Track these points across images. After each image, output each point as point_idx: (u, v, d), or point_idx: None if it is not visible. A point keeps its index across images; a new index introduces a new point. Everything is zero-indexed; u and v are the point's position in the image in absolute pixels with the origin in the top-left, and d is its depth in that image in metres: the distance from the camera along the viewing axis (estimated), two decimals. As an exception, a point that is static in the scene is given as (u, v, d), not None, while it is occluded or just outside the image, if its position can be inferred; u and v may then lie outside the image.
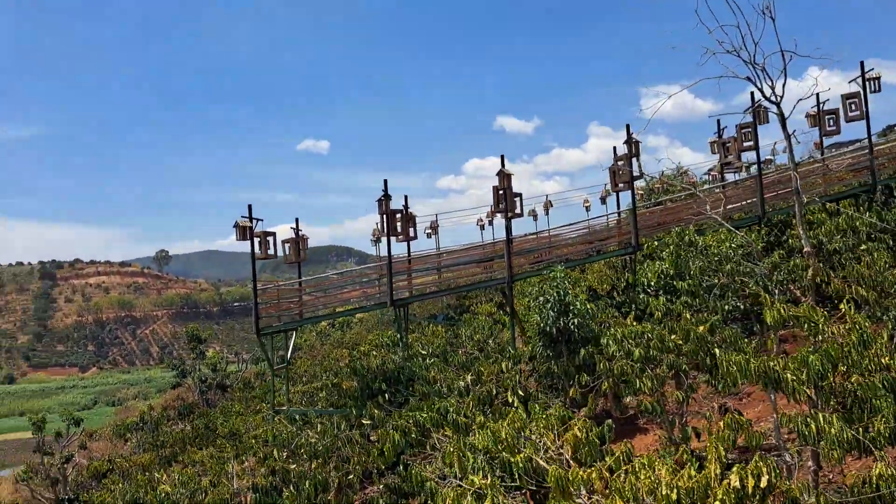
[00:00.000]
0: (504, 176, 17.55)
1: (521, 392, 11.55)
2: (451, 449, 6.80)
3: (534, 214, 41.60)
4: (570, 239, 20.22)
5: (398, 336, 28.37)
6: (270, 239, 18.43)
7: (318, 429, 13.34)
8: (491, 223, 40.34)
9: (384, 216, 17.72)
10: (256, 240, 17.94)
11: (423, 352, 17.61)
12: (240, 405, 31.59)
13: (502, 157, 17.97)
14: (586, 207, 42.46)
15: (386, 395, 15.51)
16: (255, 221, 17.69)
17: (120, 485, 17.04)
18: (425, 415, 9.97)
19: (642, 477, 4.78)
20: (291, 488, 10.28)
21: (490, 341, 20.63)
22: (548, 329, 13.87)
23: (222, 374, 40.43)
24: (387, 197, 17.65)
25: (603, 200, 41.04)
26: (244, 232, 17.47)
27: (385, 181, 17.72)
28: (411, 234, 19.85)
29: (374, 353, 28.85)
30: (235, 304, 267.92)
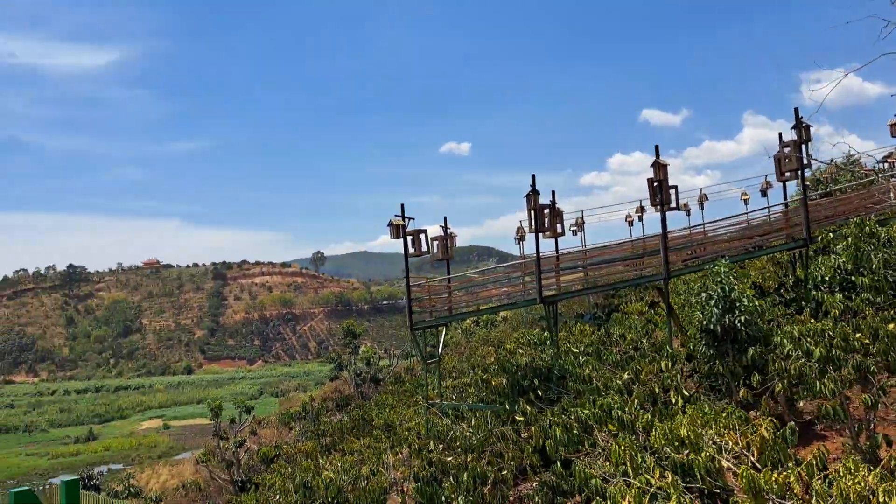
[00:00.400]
0: (659, 167, 16.80)
1: (685, 392, 10.96)
2: (621, 447, 6.55)
3: (686, 209, 39.67)
4: (728, 233, 18.97)
5: (545, 334, 28.16)
6: (422, 237, 18.90)
7: (473, 423, 13.48)
8: (640, 219, 38.94)
9: (532, 212, 17.57)
10: (409, 238, 18.46)
11: (575, 350, 17.27)
12: (393, 398, 32.76)
13: (657, 147, 17.22)
14: (745, 201, 39.80)
15: (538, 392, 15.37)
16: (407, 220, 18.23)
17: (288, 469, 18.22)
18: (587, 411, 9.74)
19: (850, 482, 4.31)
20: (451, 480, 10.44)
21: (643, 340, 19.87)
22: (712, 327, 13.08)
23: (375, 368, 42.19)
24: (535, 192, 17.49)
25: (763, 193, 38.34)
26: (397, 230, 18.04)
27: (533, 176, 17.63)
28: (559, 230, 19.52)
29: (521, 350, 28.83)
30: (384, 302, 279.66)
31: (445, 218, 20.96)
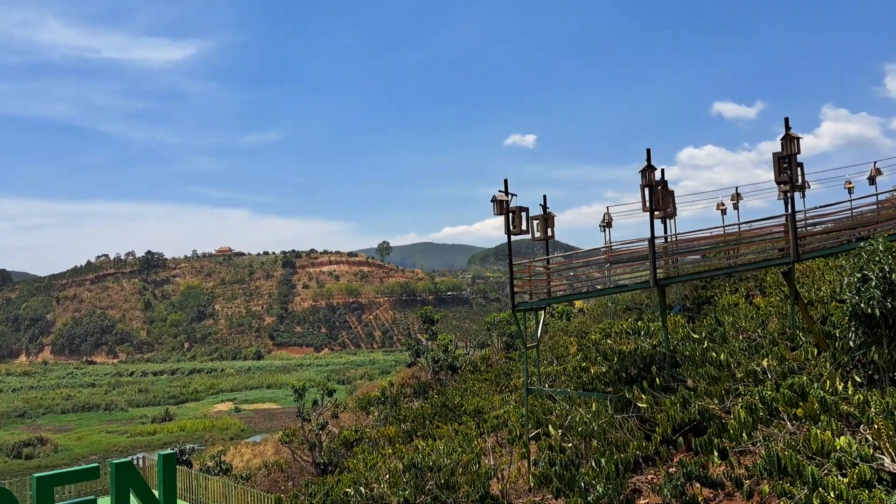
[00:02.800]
0: (790, 140, 15.37)
1: (857, 378, 9.74)
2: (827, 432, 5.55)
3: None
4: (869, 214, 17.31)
5: (639, 323, 26.84)
6: (524, 214, 17.99)
7: (593, 408, 12.57)
8: (736, 206, 36.88)
9: (646, 189, 16.42)
10: (511, 215, 17.59)
11: (696, 335, 16.07)
12: (478, 384, 32.07)
13: (786, 119, 15.75)
14: (848, 189, 37.39)
15: (654, 379, 14.29)
16: (510, 196, 17.38)
17: (387, 451, 17.77)
18: (770, 393, 8.69)
19: None
20: (593, 464, 9.60)
21: (759, 330, 18.45)
22: (870, 311, 11.72)
23: (452, 356, 41.61)
24: (650, 168, 16.33)
25: (871, 181, 35.92)
26: (501, 206, 17.19)
27: (648, 150, 16.46)
28: (669, 210, 18.28)
29: (609, 340, 27.62)
30: (449, 293, 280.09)
31: (545, 196, 19.91)
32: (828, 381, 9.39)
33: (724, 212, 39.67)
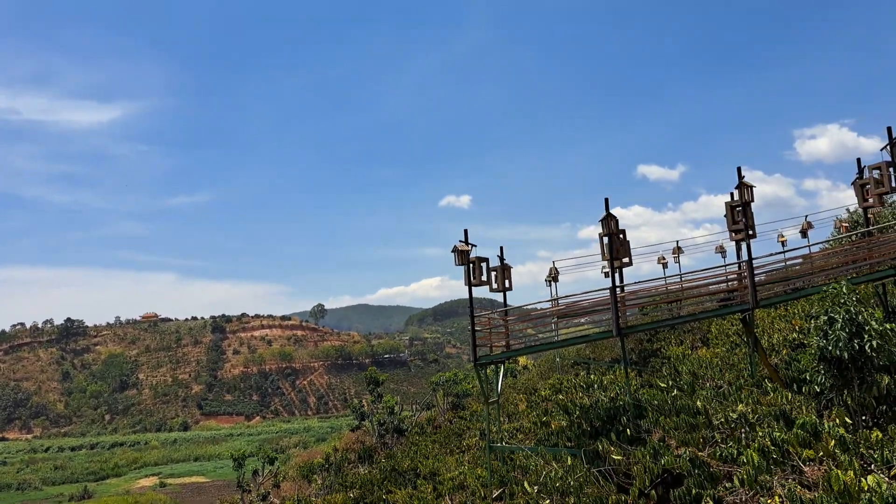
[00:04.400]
0: (745, 188, 15.76)
1: (847, 420, 9.60)
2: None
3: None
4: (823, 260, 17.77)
5: (591, 377, 26.65)
6: (484, 265, 17.70)
7: (568, 463, 12.04)
8: (677, 260, 37.85)
9: (607, 238, 16.45)
10: (471, 266, 17.26)
11: (662, 384, 15.86)
12: (428, 446, 30.94)
13: (739, 169, 16.19)
14: (782, 243, 38.91)
15: (627, 430, 13.93)
16: (470, 246, 17.09)
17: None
18: (780, 434, 8.36)
19: None
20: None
21: (721, 379, 18.48)
22: (837, 353, 11.78)
23: (398, 418, 40.32)
24: (610, 217, 16.40)
25: (804, 234, 37.53)
26: (462, 256, 16.87)
27: (606, 200, 16.57)
28: (626, 260, 18.33)
29: (560, 395, 27.29)
30: (386, 356, 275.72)
31: (501, 248, 19.80)
32: (837, 420, 9.24)
33: (664, 265, 40.75)
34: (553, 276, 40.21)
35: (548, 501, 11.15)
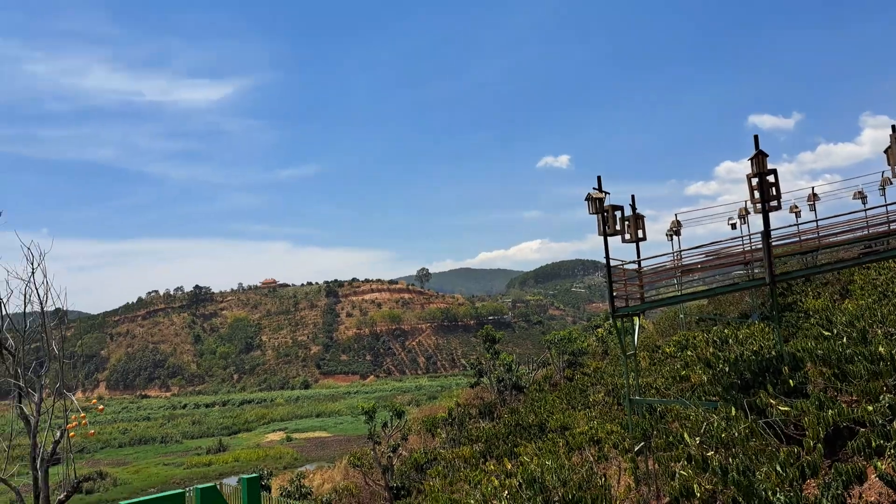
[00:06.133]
0: (760, 158, 14.27)
1: None
2: None
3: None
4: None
5: (726, 331, 25.45)
6: (618, 214, 17.07)
7: (733, 414, 11.49)
8: (813, 207, 35.25)
9: (757, 178, 15.35)
10: (605, 214, 16.69)
11: (827, 332, 14.82)
12: (556, 401, 30.90)
13: (755, 137, 14.72)
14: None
15: (790, 381, 13.12)
16: (605, 194, 16.50)
17: (478, 471, 16.86)
18: None
19: None
20: (777, 467, 8.55)
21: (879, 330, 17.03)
22: None
23: (516, 375, 40.50)
24: (761, 154, 15.29)
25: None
26: (596, 204, 16.33)
27: (756, 137, 15.43)
28: (774, 204, 17.10)
29: (688, 352, 26.31)
30: (490, 317, 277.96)
31: (633, 196, 19.03)
32: None
33: (798, 213, 38.06)
34: (675, 230, 38.70)
35: (711, 453, 10.67)
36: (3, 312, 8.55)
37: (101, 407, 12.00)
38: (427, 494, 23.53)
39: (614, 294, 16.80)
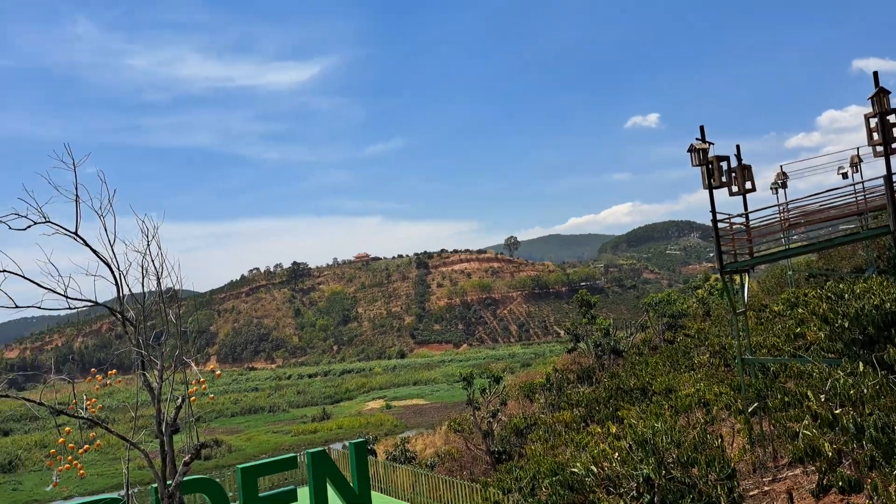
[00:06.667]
0: (882, 95, 12.52)
1: None
2: None
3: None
4: None
5: (840, 286, 23.81)
6: (723, 165, 16.11)
7: (860, 370, 10.69)
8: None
9: (877, 118, 14.05)
10: (709, 166, 15.78)
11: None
12: (660, 364, 30.14)
13: (875, 74, 12.85)
14: None
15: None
16: (708, 144, 15.60)
17: (596, 429, 16.63)
18: None
19: None
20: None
21: None
22: None
23: (614, 339, 39.74)
24: (882, 92, 13.96)
25: None
26: (700, 155, 15.46)
27: (875, 73, 14.08)
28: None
29: (798, 310, 24.76)
30: (582, 283, 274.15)
31: (738, 146, 17.92)
32: None
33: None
34: (781, 182, 36.40)
35: (840, 411, 9.97)
36: (123, 284, 8.97)
37: (218, 373, 12.53)
38: (529, 458, 23.53)
39: (722, 250, 15.94)
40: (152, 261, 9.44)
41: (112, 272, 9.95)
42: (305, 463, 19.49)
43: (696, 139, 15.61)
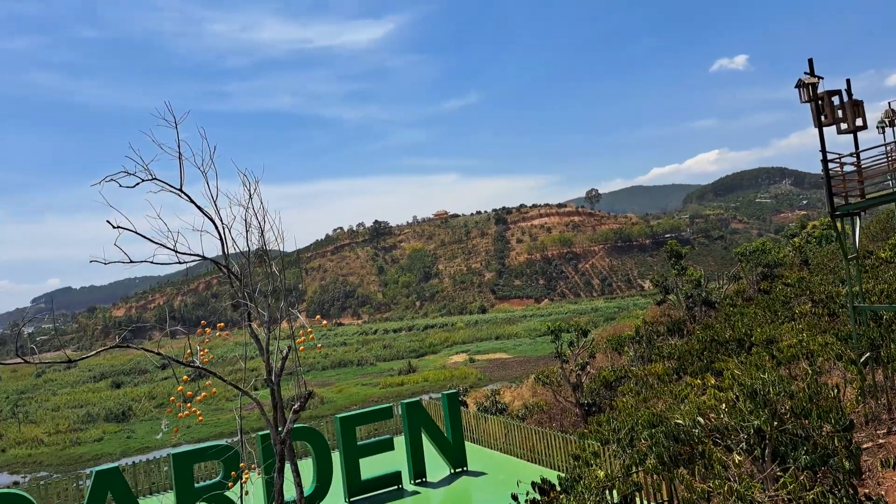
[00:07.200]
0: None
1: None
2: None
3: None
4: None
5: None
6: (834, 100, 14.95)
7: None
8: None
9: None
10: (820, 102, 14.68)
11: None
12: (759, 314, 29.03)
13: None
14: None
15: None
16: (818, 79, 14.48)
17: (697, 381, 16.15)
18: None
19: None
20: None
21: None
22: None
23: (706, 290, 38.44)
24: None
25: None
26: (808, 91, 14.39)
27: None
28: None
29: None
30: (667, 235, 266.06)
31: (848, 81, 16.56)
32: None
33: None
34: (889, 120, 33.72)
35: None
36: (227, 238, 9.21)
37: (324, 322, 12.93)
38: (621, 410, 23.28)
39: (833, 192, 14.89)
40: (255, 214, 9.65)
41: (216, 227, 10.26)
42: (400, 413, 20.00)
43: (805, 73, 14.51)
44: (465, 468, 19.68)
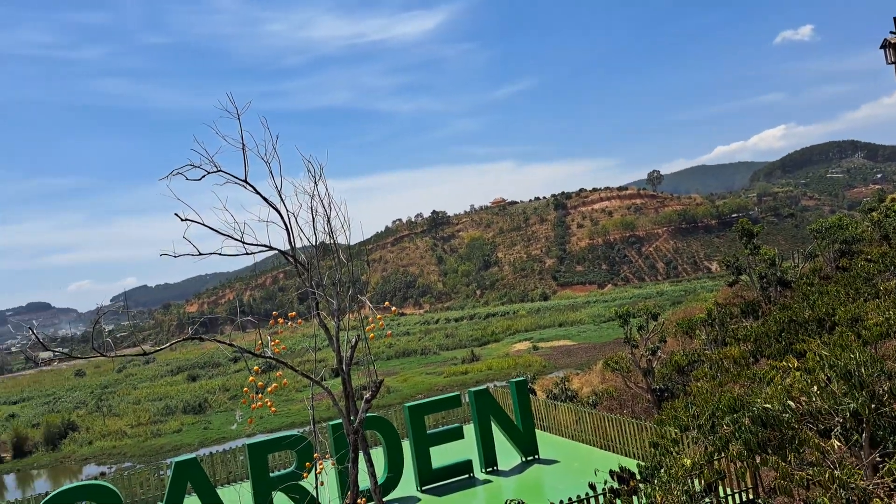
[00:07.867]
0: None
1: None
2: None
3: None
4: None
5: None
6: (927, 58, 13.87)
7: None
8: None
9: None
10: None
11: None
12: (842, 292, 27.63)
13: None
14: None
15: None
16: (908, 35, 13.45)
17: (780, 364, 15.43)
18: None
19: None
20: None
21: None
22: None
23: (780, 269, 36.85)
24: None
25: None
26: (895, 51, 13.39)
27: None
28: None
29: None
30: (734, 215, 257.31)
31: (941, 37, 15.31)
32: None
33: None
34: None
35: None
36: (293, 227, 9.14)
37: (394, 309, 12.84)
38: (695, 395, 22.53)
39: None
40: (321, 201, 9.56)
41: (281, 217, 10.23)
42: (469, 401, 19.85)
43: (891, 32, 13.49)
44: (536, 456, 19.40)
